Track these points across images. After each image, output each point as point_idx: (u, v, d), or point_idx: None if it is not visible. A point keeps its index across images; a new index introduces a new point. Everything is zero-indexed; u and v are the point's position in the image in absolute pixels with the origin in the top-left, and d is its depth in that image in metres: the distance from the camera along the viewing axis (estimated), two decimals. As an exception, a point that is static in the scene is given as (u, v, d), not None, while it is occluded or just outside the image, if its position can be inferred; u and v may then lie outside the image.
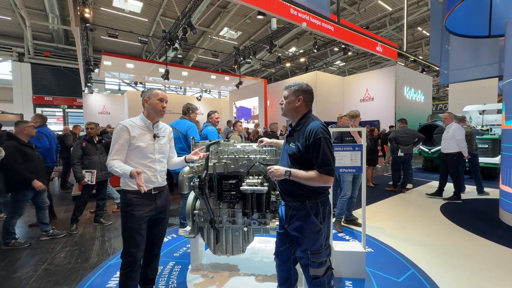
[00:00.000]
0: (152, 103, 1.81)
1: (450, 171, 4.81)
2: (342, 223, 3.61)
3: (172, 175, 3.34)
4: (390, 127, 10.38)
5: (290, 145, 1.56)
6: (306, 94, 1.58)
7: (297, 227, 1.52)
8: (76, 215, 3.58)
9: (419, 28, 13.95)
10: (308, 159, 1.47)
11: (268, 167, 1.54)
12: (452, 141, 4.65)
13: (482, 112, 8.54)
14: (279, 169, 1.50)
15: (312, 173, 1.43)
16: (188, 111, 3.39)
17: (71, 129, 6.78)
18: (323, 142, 1.41)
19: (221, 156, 2.31)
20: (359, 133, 3.39)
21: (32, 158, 3.08)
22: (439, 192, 4.98)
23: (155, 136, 1.83)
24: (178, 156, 2.09)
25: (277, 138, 4.95)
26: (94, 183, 3.50)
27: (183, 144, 3.21)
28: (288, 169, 1.48)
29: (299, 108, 1.58)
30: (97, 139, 3.81)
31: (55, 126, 16.46)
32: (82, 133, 6.78)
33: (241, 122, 5.74)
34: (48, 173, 3.52)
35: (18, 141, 3.01)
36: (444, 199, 4.82)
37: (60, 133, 6.71)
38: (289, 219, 1.57)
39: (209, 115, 3.69)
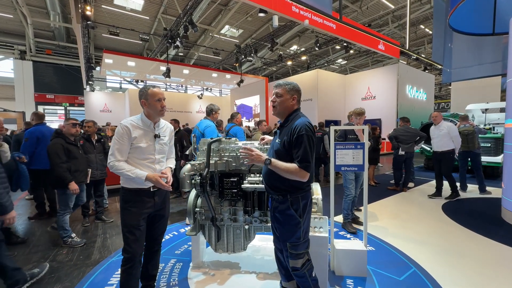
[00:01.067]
0: (150, 104, 1.77)
1: (444, 168, 4.77)
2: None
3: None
4: None
5: (277, 140, 1.61)
6: (298, 93, 1.65)
7: (278, 218, 1.61)
8: (86, 211, 3.73)
9: (422, 26, 13.83)
10: (291, 155, 1.51)
11: (249, 149, 1.55)
12: (447, 138, 4.66)
13: (485, 111, 8.49)
14: (261, 156, 1.53)
15: (291, 166, 1.47)
16: (212, 112, 3.51)
17: None
18: (305, 139, 1.46)
19: (222, 154, 2.31)
20: (362, 131, 3.37)
21: (76, 156, 3.16)
22: (438, 192, 4.96)
23: (155, 136, 1.82)
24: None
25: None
26: (88, 181, 3.42)
27: None
28: (269, 157, 1.53)
29: (292, 107, 1.63)
30: (95, 137, 3.80)
31: (57, 124, 16.51)
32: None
33: (265, 122, 5.91)
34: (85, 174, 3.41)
35: (64, 139, 3.10)
36: (446, 199, 4.80)
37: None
38: (272, 210, 1.66)
39: (233, 117, 3.98)
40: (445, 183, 4.99)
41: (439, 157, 4.81)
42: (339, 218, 3.65)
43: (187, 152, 4.26)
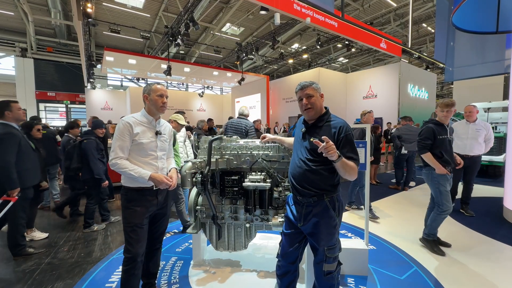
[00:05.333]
0: (152, 99, 1.78)
1: (472, 176, 3.91)
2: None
3: None
4: (388, 123, 10.05)
5: (312, 139, 1.51)
6: (321, 92, 1.65)
7: (315, 223, 1.53)
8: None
9: (424, 25, 13.74)
10: None
11: (326, 142, 1.35)
12: (482, 140, 3.79)
13: (487, 110, 8.43)
14: (336, 150, 1.38)
15: (353, 164, 1.46)
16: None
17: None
18: (352, 139, 1.51)
19: (223, 152, 2.30)
20: (365, 130, 3.36)
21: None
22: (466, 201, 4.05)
23: (157, 133, 1.81)
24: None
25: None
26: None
27: None
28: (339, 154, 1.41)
29: (322, 105, 1.63)
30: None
31: (59, 121, 16.56)
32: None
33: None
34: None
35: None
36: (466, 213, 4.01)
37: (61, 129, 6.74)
38: (304, 217, 1.55)
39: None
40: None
41: (468, 162, 3.67)
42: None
43: None
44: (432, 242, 2.80)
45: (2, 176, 2.41)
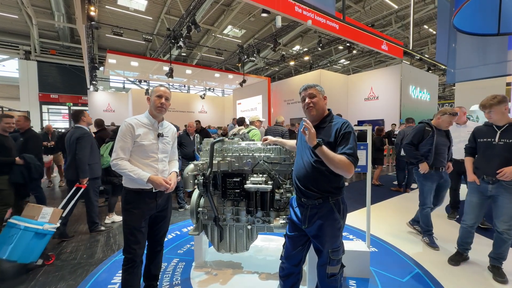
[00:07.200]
0: (151, 100, 1.82)
1: (457, 183, 3.75)
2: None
3: None
4: (392, 125, 10.27)
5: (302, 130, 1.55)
6: (324, 94, 1.67)
7: (320, 226, 1.53)
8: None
9: (425, 26, 13.73)
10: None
11: (311, 125, 1.42)
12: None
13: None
14: (315, 137, 1.42)
15: (341, 156, 1.42)
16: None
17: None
18: (353, 136, 1.50)
19: (225, 154, 2.32)
20: (366, 132, 3.33)
21: None
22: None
23: (159, 135, 1.83)
24: None
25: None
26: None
27: None
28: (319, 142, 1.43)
29: (324, 107, 1.65)
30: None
31: (62, 123, 16.69)
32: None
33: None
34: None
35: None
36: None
37: (63, 130, 6.81)
38: (308, 219, 1.56)
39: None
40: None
41: (463, 167, 3.05)
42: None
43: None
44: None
45: (79, 168, 3.04)
